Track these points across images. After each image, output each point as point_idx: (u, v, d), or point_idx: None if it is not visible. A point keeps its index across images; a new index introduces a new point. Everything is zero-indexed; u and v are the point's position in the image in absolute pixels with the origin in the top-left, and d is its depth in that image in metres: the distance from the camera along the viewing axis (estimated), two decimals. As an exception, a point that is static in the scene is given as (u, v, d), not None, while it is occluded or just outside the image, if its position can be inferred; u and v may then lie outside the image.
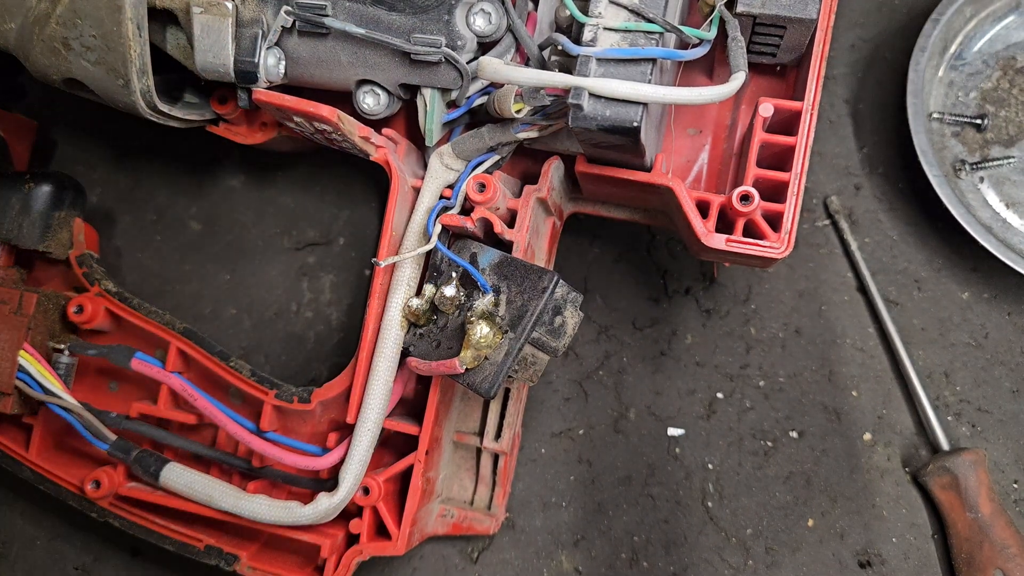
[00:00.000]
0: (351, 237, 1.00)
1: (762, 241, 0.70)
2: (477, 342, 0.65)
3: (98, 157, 1.04)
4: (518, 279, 0.68)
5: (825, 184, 0.95)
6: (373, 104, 0.75)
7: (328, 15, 0.71)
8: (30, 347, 0.79)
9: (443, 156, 0.75)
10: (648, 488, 0.92)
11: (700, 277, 0.95)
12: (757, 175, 0.71)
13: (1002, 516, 0.83)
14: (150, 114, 0.74)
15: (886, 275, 0.93)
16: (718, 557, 0.89)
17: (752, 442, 0.91)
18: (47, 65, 0.72)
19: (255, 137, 0.83)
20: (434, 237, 0.72)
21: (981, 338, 0.91)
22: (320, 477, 0.81)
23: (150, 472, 0.78)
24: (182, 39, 0.74)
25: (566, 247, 0.95)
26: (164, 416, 0.83)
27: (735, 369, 0.93)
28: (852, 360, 0.92)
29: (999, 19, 0.93)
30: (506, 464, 0.87)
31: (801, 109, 0.71)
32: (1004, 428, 0.89)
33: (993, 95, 0.92)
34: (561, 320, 0.67)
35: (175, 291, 1.00)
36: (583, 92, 0.62)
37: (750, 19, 0.69)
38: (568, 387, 0.95)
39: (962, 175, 0.91)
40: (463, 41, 0.70)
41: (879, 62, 0.97)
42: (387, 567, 0.93)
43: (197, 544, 0.81)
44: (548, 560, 0.91)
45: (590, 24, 0.64)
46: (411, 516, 0.76)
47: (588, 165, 0.74)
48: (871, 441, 0.90)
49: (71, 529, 0.97)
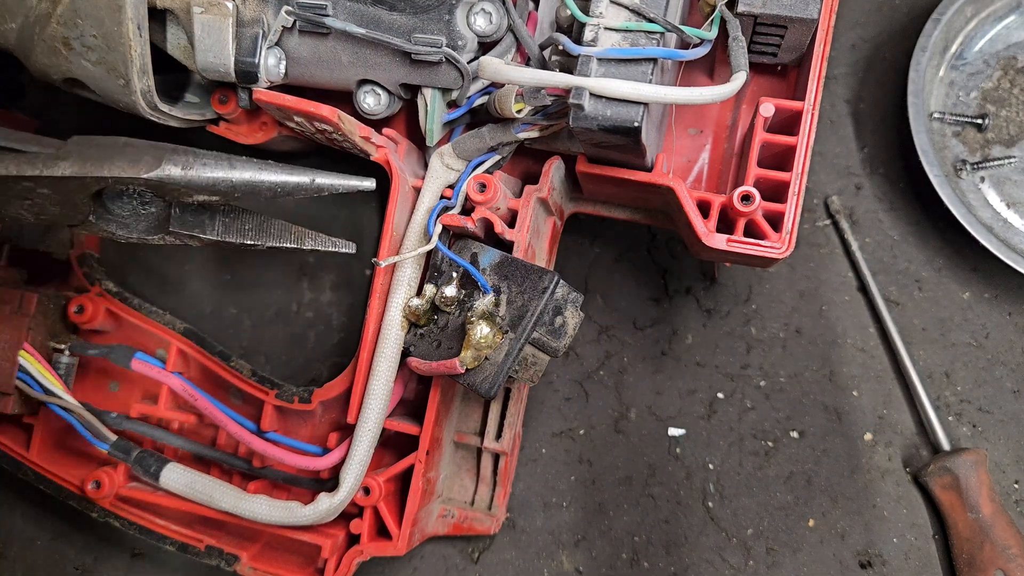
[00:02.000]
0: (351, 237, 0.99)
1: (763, 241, 0.70)
2: (477, 342, 0.65)
3: (98, 157, 1.04)
4: (519, 279, 0.68)
5: (826, 184, 0.95)
6: (374, 104, 0.75)
7: (329, 15, 0.71)
8: (30, 347, 0.79)
9: (444, 156, 0.75)
10: (649, 488, 0.92)
11: (701, 277, 0.95)
12: (758, 175, 0.71)
13: (1003, 516, 0.83)
14: (150, 114, 0.74)
15: (887, 275, 0.93)
16: (719, 557, 0.89)
17: (753, 442, 0.91)
18: (47, 65, 0.71)
19: (255, 137, 0.83)
20: (435, 237, 0.72)
21: (982, 338, 0.91)
22: (321, 477, 0.81)
23: (150, 472, 0.78)
24: (183, 39, 0.74)
25: (567, 247, 0.95)
26: (164, 416, 0.83)
27: (736, 369, 0.93)
28: (853, 360, 0.92)
29: (1000, 19, 0.93)
30: (507, 464, 0.87)
31: (802, 109, 0.70)
32: (1005, 428, 0.89)
33: (994, 95, 0.92)
34: (562, 320, 0.67)
35: (175, 291, 1.00)
36: (584, 92, 0.62)
37: (751, 19, 0.69)
38: (569, 387, 0.95)
39: (963, 175, 0.91)
40: (464, 41, 0.70)
41: (880, 62, 0.97)
42: (388, 567, 0.93)
43: (198, 544, 0.81)
44: (549, 560, 0.91)
45: (591, 24, 0.64)
46: (412, 516, 0.76)
47: (589, 165, 0.74)
48: (872, 441, 0.90)
49: (71, 529, 0.97)
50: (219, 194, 0.64)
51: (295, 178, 0.65)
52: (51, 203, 0.63)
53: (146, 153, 0.63)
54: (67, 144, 0.63)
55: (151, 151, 0.63)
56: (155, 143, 0.64)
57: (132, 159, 0.62)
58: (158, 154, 0.63)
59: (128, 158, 0.62)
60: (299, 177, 0.65)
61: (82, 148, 0.63)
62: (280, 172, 0.65)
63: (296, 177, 0.65)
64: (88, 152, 0.63)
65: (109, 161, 0.62)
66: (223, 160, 0.64)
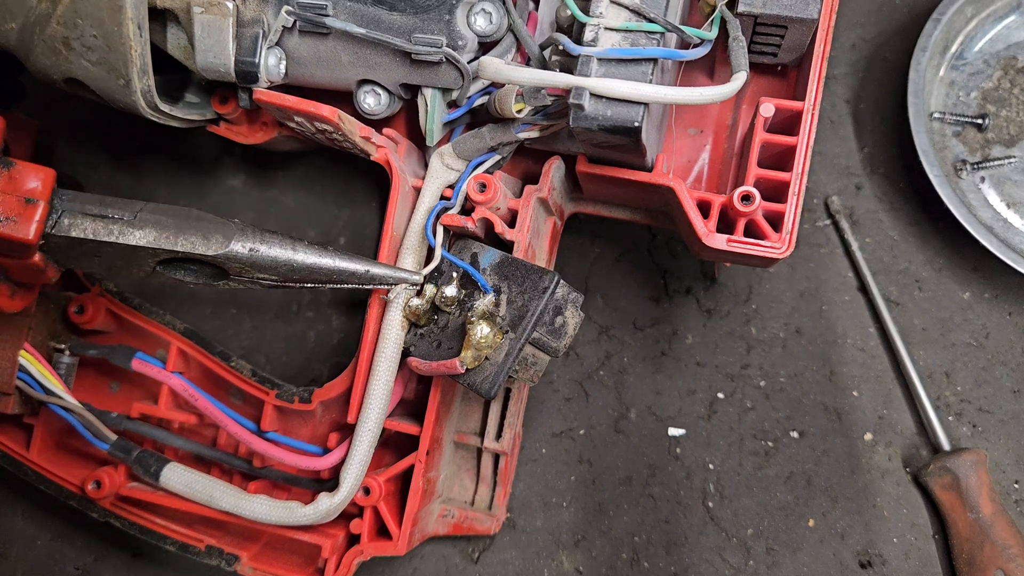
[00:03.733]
0: (352, 237, 1.00)
1: (763, 241, 0.70)
2: (478, 342, 0.65)
3: (99, 157, 1.04)
4: (519, 279, 0.68)
5: (826, 184, 0.95)
6: (374, 104, 0.75)
7: (329, 15, 0.71)
8: (31, 347, 0.79)
9: (444, 156, 0.75)
10: (649, 488, 0.92)
11: (701, 277, 0.95)
12: (758, 175, 0.71)
13: (1003, 516, 0.83)
14: (151, 114, 0.74)
15: (887, 275, 0.93)
16: (719, 557, 0.89)
17: (753, 442, 0.91)
18: (48, 65, 0.71)
19: (256, 137, 0.83)
20: (438, 249, 0.73)
21: (982, 338, 0.91)
22: (321, 477, 0.81)
23: (151, 472, 0.78)
24: (183, 39, 0.74)
25: (567, 247, 0.95)
26: (165, 416, 0.83)
27: (736, 369, 0.93)
28: (853, 360, 0.92)
29: (1000, 19, 0.93)
30: (507, 464, 0.87)
31: (802, 109, 0.70)
32: (1005, 428, 0.89)
33: (994, 95, 0.92)
34: (562, 320, 0.67)
35: (176, 291, 1.00)
36: (584, 92, 0.62)
37: (751, 19, 0.69)
38: (569, 387, 0.95)
39: (963, 175, 0.91)
40: (464, 41, 0.70)
41: (880, 62, 0.97)
42: (388, 567, 0.93)
43: (198, 544, 0.81)
44: (549, 560, 0.91)
45: (591, 24, 0.64)
46: (412, 516, 0.76)
47: (589, 165, 0.74)
48: (872, 441, 0.90)
49: (72, 529, 0.97)
50: (278, 275, 0.69)
51: (352, 266, 0.70)
52: (120, 260, 0.68)
53: (217, 231, 0.67)
54: (142, 211, 0.67)
55: (221, 229, 0.67)
56: (225, 221, 0.68)
57: (204, 235, 0.67)
58: (228, 232, 0.67)
59: (200, 234, 0.67)
60: (355, 266, 0.70)
61: (157, 217, 0.67)
62: (339, 259, 0.70)
63: (353, 265, 0.70)
64: (162, 222, 0.67)
65: (182, 235, 0.67)
66: (287, 243, 0.69)
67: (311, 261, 0.69)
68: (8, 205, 0.64)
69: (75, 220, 0.66)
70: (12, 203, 0.64)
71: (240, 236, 0.67)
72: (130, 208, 0.67)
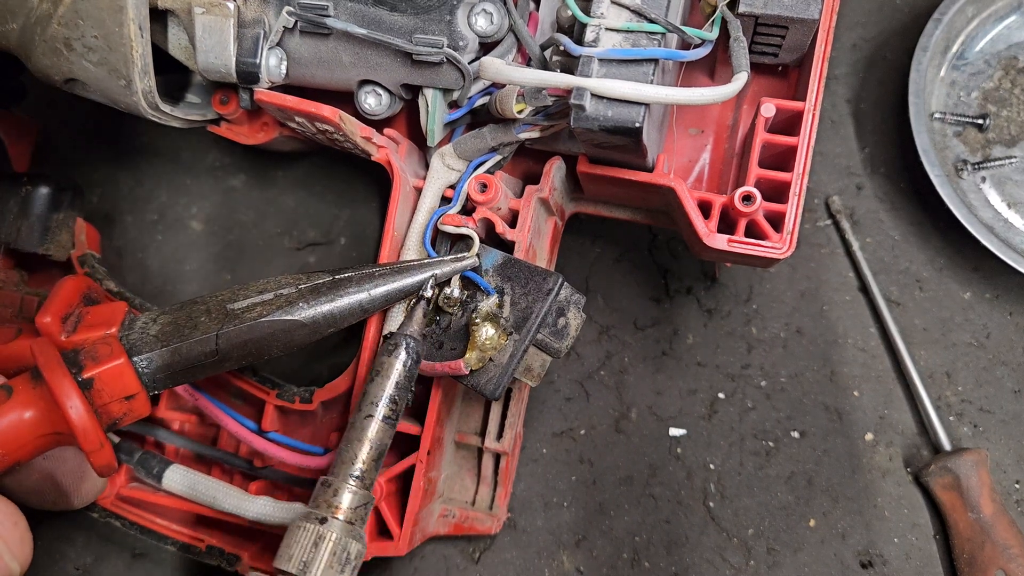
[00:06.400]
0: (352, 237, 1.00)
1: (764, 241, 0.70)
2: (483, 344, 0.65)
3: (99, 157, 1.04)
4: (522, 281, 0.68)
5: (827, 184, 0.95)
6: (375, 104, 0.75)
7: (330, 15, 0.71)
8: (32, 348, 0.79)
9: (445, 156, 0.75)
10: (649, 488, 0.92)
11: (701, 277, 0.95)
12: (759, 175, 0.71)
13: (1004, 516, 0.83)
14: (152, 114, 0.74)
15: (888, 275, 0.93)
16: (719, 557, 0.89)
17: (753, 442, 0.91)
18: (49, 65, 0.71)
19: (256, 137, 0.83)
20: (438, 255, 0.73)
21: (983, 338, 0.91)
22: (322, 477, 0.81)
23: (153, 474, 0.78)
24: (184, 39, 0.74)
25: (567, 247, 0.95)
26: (165, 416, 0.83)
27: (736, 369, 0.93)
28: (854, 360, 0.92)
29: (1001, 19, 0.93)
30: (507, 464, 0.87)
31: (803, 109, 0.70)
32: (1006, 428, 0.89)
33: (995, 95, 0.92)
34: (565, 322, 0.67)
35: (176, 291, 1.00)
36: (585, 92, 0.62)
37: (752, 19, 0.69)
38: (570, 387, 0.95)
39: (964, 175, 0.91)
40: (465, 41, 0.70)
41: (881, 62, 0.97)
42: (388, 567, 0.93)
43: (199, 544, 0.81)
44: (549, 560, 0.91)
45: (592, 24, 0.64)
46: (412, 516, 0.76)
47: (590, 165, 0.74)
48: (873, 441, 0.90)
49: (71, 529, 0.97)
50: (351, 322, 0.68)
51: (420, 276, 0.68)
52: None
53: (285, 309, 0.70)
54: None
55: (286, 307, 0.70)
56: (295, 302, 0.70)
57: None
58: (291, 310, 0.69)
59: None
60: (423, 275, 0.68)
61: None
62: (406, 276, 0.68)
63: (421, 275, 0.68)
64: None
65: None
66: (361, 285, 0.67)
67: (382, 291, 0.67)
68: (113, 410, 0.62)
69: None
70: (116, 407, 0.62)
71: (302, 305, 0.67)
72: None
